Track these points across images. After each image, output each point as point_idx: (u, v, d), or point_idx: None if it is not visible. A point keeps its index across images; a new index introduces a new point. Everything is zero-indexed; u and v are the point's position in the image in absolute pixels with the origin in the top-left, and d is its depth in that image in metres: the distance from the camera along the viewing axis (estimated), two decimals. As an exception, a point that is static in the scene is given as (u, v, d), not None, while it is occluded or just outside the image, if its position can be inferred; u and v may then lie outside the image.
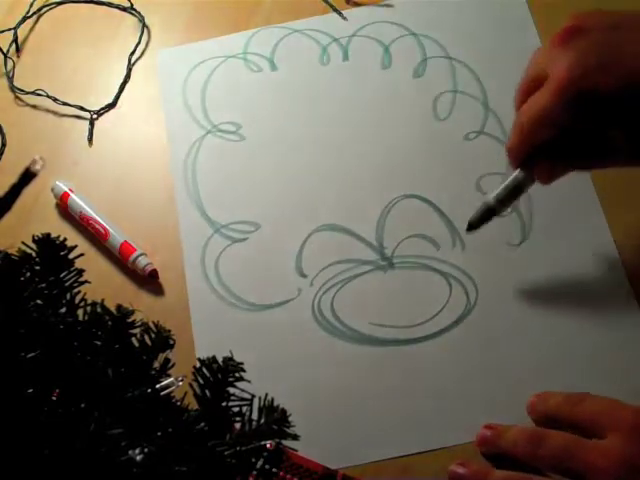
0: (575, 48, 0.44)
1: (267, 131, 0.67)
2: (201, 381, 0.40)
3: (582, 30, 0.44)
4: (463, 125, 0.65)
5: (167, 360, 0.40)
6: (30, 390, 0.37)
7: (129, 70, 0.72)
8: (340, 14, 0.72)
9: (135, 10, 0.75)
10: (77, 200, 0.64)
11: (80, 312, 0.41)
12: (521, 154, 0.50)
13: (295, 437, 0.39)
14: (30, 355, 0.37)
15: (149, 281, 0.61)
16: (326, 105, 0.68)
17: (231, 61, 0.71)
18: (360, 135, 0.66)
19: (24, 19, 0.75)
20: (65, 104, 0.70)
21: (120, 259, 0.62)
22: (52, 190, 0.65)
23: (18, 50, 0.74)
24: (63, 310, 0.41)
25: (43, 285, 0.41)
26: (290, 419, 0.39)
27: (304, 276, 0.61)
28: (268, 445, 0.38)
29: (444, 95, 0.67)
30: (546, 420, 0.52)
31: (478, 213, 0.55)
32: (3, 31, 0.74)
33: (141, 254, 0.61)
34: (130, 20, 0.75)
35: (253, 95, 0.69)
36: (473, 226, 0.56)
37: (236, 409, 0.39)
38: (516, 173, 0.53)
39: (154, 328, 0.40)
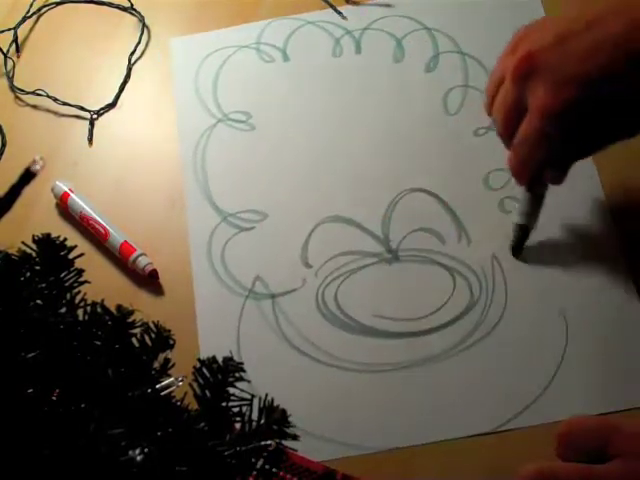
0: (538, 78, 0.49)
1: (277, 121, 0.67)
2: (201, 381, 0.39)
3: (534, 59, 0.49)
4: (473, 120, 0.65)
5: (167, 360, 0.40)
6: (30, 390, 0.37)
7: (129, 70, 0.72)
8: (339, 13, 0.72)
9: (135, 10, 0.75)
10: (77, 200, 0.64)
11: (80, 312, 0.41)
12: (527, 176, 0.55)
13: (295, 437, 0.39)
14: (30, 355, 0.37)
15: (149, 281, 0.61)
16: (337, 97, 0.68)
17: (244, 51, 0.71)
18: (370, 127, 0.66)
19: (24, 19, 0.75)
20: (65, 104, 0.70)
21: (120, 259, 0.62)
22: (52, 190, 0.65)
23: (18, 50, 0.74)
24: (63, 310, 0.40)
25: (43, 285, 0.40)
26: (291, 413, 0.39)
27: (309, 266, 0.61)
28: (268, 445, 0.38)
29: (455, 90, 0.67)
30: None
31: (515, 236, 0.58)
32: (3, 31, 0.74)
33: (141, 254, 0.61)
34: (130, 20, 0.75)
35: (265, 85, 0.69)
36: (517, 249, 0.59)
37: (236, 409, 0.39)
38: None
39: (154, 328, 0.40)
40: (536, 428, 0.53)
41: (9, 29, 0.74)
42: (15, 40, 0.74)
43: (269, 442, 0.38)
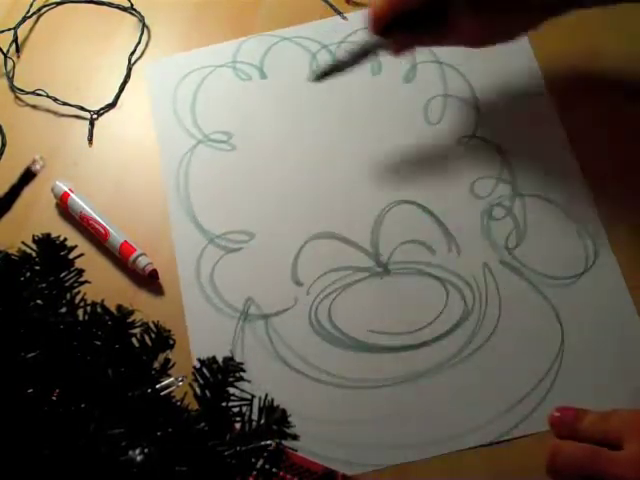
0: None
1: (258, 140, 0.66)
2: (201, 381, 0.40)
3: None
4: (455, 129, 0.65)
5: (167, 360, 0.40)
6: (30, 390, 0.37)
7: (129, 70, 0.72)
8: (340, 14, 0.72)
9: (135, 10, 0.75)
10: (77, 200, 0.64)
11: (80, 312, 0.41)
12: (384, 21, 0.58)
13: (295, 437, 0.39)
14: (30, 355, 0.37)
15: (149, 281, 0.61)
16: (317, 112, 0.67)
17: (220, 70, 0.70)
18: (352, 141, 0.66)
19: (24, 19, 0.75)
20: (65, 104, 0.70)
21: (120, 259, 0.62)
22: (52, 190, 0.65)
23: (18, 50, 0.74)
24: (63, 310, 0.41)
25: (43, 285, 0.41)
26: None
27: (300, 285, 0.60)
28: (268, 445, 0.38)
29: (435, 99, 0.67)
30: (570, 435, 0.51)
31: (327, 65, 0.60)
32: (3, 31, 0.74)
33: (141, 254, 0.61)
34: (130, 20, 0.75)
35: (243, 104, 0.68)
36: (319, 76, 0.60)
37: (236, 409, 0.39)
38: (371, 38, 0.59)
39: (154, 328, 0.40)
40: (537, 436, 0.53)
41: (9, 29, 0.74)
42: (15, 40, 0.74)
43: (269, 442, 0.38)
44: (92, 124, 0.69)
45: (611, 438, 0.48)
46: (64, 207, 0.65)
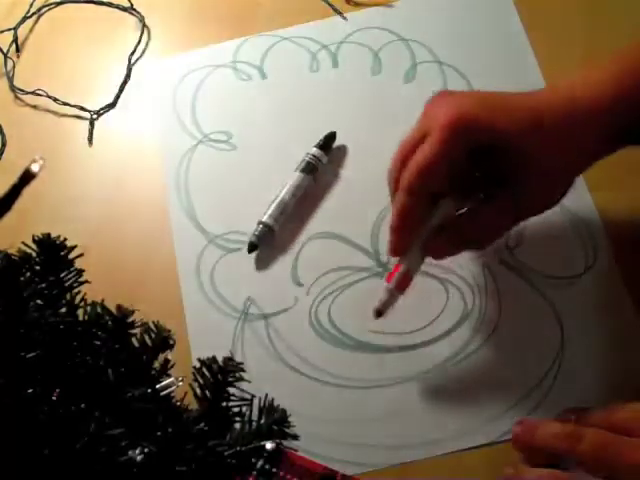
0: (453, 98, 0.50)
1: (258, 140, 0.66)
2: (201, 381, 0.40)
3: (453, 92, 0.50)
4: None
5: (167, 360, 0.40)
6: (30, 390, 0.37)
7: (129, 70, 0.72)
8: (341, 14, 0.72)
9: (135, 10, 0.75)
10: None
11: (80, 312, 0.41)
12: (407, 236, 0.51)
13: (295, 437, 0.39)
14: (30, 355, 0.37)
15: (149, 281, 0.61)
16: (317, 112, 0.67)
17: (220, 70, 0.70)
18: (352, 142, 0.65)
19: (24, 19, 0.75)
20: (65, 104, 0.70)
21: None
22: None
23: (18, 50, 0.74)
24: (63, 310, 0.41)
25: (43, 285, 0.41)
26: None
27: (300, 285, 0.60)
28: (268, 445, 0.38)
29: None
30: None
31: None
32: (3, 31, 0.74)
33: None
34: (130, 20, 0.75)
35: (243, 104, 0.68)
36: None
37: (236, 409, 0.40)
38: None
39: (154, 328, 0.40)
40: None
41: (9, 29, 0.74)
42: (15, 40, 0.74)
43: (269, 442, 0.38)
44: (92, 124, 0.69)
45: (618, 429, 0.48)
46: (64, 207, 0.65)
